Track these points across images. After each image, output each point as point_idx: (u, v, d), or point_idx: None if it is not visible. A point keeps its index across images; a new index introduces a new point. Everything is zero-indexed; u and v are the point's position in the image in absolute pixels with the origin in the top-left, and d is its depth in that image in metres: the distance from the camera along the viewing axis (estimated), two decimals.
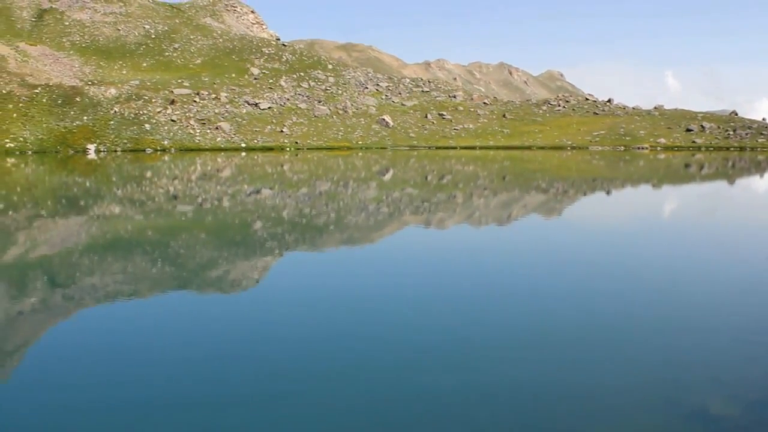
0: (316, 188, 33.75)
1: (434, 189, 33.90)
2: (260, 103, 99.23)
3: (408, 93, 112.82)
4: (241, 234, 19.87)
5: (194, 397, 7.34)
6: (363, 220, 22.45)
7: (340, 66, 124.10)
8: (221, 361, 8.52)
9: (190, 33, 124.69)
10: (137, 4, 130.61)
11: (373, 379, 7.86)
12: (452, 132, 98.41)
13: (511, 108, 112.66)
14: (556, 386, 7.62)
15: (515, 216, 24.01)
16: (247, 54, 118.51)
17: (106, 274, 14.01)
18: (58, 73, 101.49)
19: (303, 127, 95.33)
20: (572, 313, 10.61)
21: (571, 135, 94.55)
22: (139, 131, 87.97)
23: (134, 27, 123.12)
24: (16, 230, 20.59)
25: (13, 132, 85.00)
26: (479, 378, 7.87)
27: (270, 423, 6.81)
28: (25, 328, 10.47)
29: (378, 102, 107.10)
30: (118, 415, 6.91)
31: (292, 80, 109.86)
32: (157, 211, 25.32)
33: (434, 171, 48.21)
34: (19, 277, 13.99)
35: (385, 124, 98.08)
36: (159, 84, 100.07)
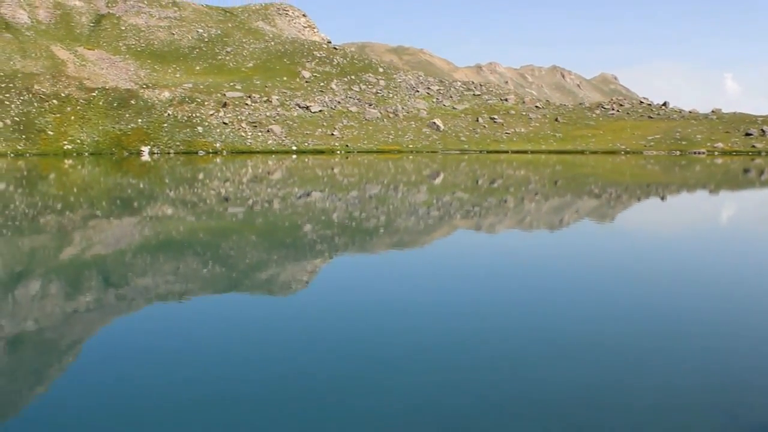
0: (366, 191, 33.52)
1: (485, 193, 33.42)
2: (311, 106, 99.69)
3: (459, 96, 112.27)
4: (290, 236, 19.70)
5: (241, 397, 7.13)
6: (413, 224, 22.11)
7: (391, 69, 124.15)
8: (271, 362, 8.31)
9: (242, 37, 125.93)
10: (191, 9, 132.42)
11: (424, 385, 7.52)
12: (503, 136, 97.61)
13: (563, 112, 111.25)
14: (606, 397, 7.19)
15: (567, 221, 23.43)
16: (299, 57, 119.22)
17: (158, 274, 13.93)
18: (114, 76, 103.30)
19: (353, 131, 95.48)
20: (622, 324, 10.12)
21: (625, 139, 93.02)
22: (191, 134, 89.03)
23: (188, 31, 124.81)
24: (72, 230, 20.73)
25: (71, 134, 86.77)
26: (529, 386, 7.48)
27: (315, 425, 6.54)
28: (79, 326, 10.40)
29: (429, 105, 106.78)
30: (167, 414, 6.74)
31: (343, 83, 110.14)
32: (208, 213, 25.32)
33: (485, 175, 47.69)
34: (74, 276, 13.98)
35: (436, 127, 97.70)
36: (211, 87, 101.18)
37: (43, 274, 14.19)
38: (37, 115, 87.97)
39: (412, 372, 8.10)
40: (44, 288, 12.77)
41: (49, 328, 10.28)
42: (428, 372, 8.09)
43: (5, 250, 17.40)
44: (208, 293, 12.45)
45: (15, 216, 24.35)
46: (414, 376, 7.94)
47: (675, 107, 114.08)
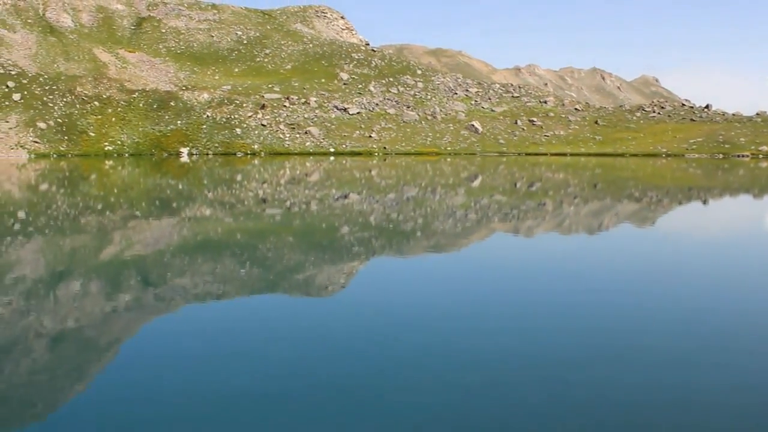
0: (403, 194, 33.37)
1: (523, 196, 33.05)
2: (349, 108, 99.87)
3: (498, 99, 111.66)
4: (327, 238, 19.62)
5: (278, 398, 7.05)
6: (450, 227, 21.91)
7: (429, 71, 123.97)
8: (308, 363, 8.21)
9: (280, 39, 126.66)
10: (230, 11, 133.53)
11: (460, 388, 7.35)
12: (542, 138, 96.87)
13: (603, 114, 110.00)
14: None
15: (606, 225, 23.06)
16: (337, 59, 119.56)
17: (196, 275, 13.91)
18: (154, 78, 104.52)
19: (391, 133, 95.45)
20: (666, 334, 9.83)
21: (666, 142, 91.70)
22: (230, 135, 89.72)
23: (227, 33, 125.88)
24: (112, 230, 20.86)
25: (112, 135, 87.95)
26: (570, 390, 7.26)
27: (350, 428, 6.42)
28: (118, 325, 10.42)
29: (467, 108, 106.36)
30: (204, 413, 6.67)
31: (381, 85, 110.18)
32: (245, 214, 25.36)
33: (523, 178, 47.27)
34: (114, 276, 14.03)
35: (474, 129, 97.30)
36: (250, 89, 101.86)
37: (83, 273, 14.26)
38: (79, 116, 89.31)
39: (446, 375, 7.95)
40: (84, 287, 12.82)
41: (88, 327, 10.29)
42: (463, 376, 7.93)
43: (48, 249, 17.56)
44: (245, 294, 12.40)
45: (57, 216, 24.63)
46: (450, 379, 7.79)
47: (718, 110, 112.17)
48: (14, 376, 8.18)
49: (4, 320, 10.35)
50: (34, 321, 10.34)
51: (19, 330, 9.90)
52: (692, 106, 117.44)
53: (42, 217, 24.37)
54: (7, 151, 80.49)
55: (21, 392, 7.77)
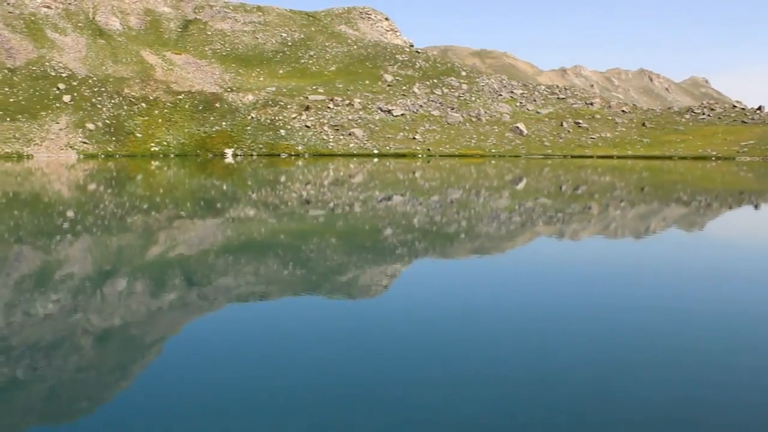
0: (447, 196, 33.15)
1: (568, 199, 32.61)
2: (393, 110, 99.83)
3: (543, 100, 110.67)
4: (370, 240, 19.52)
5: (318, 399, 7.04)
6: (494, 230, 21.67)
7: (474, 73, 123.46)
8: (349, 364, 8.21)
9: (325, 40, 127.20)
10: (275, 13, 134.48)
11: (499, 393, 7.18)
12: (588, 141, 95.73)
13: (651, 116, 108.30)
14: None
15: (654, 229, 22.60)
16: (381, 61, 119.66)
17: (239, 275, 13.94)
18: (200, 80, 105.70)
19: (435, 134, 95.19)
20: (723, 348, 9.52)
21: (717, 145, 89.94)
22: (274, 136, 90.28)
23: (272, 35, 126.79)
24: (157, 230, 21.05)
25: (158, 136, 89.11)
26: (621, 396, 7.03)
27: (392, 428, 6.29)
28: (162, 324, 10.52)
29: (512, 109, 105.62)
30: (245, 412, 6.68)
31: (426, 87, 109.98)
32: (289, 215, 25.40)
33: (569, 181, 46.70)
34: (158, 275, 14.13)
35: (519, 132, 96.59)
36: (294, 90, 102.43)
37: (129, 272, 14.38)
38: (127, 117, 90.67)
39: (488, 379, 7.84)
40: (130, 286, 12.92)
41: (133, 325, 10.38)
42: (507, 380, 7.80)
43: (95, 248, 17.76)
44: (288, 295, 12.37)
45: (104, 215, 24.92)
46: (491, 383, 7.67)
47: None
48: (62, 372, 8.30)
49: (52, 317, 10.50)
50: (81, 318, 10.45)
51: (67, 327, 10.03)
52: (744, 108, 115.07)
53: (90, 216, 24.68)
54: (57, 152, 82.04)
55: (68, 388, 7.90)
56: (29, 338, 9.49)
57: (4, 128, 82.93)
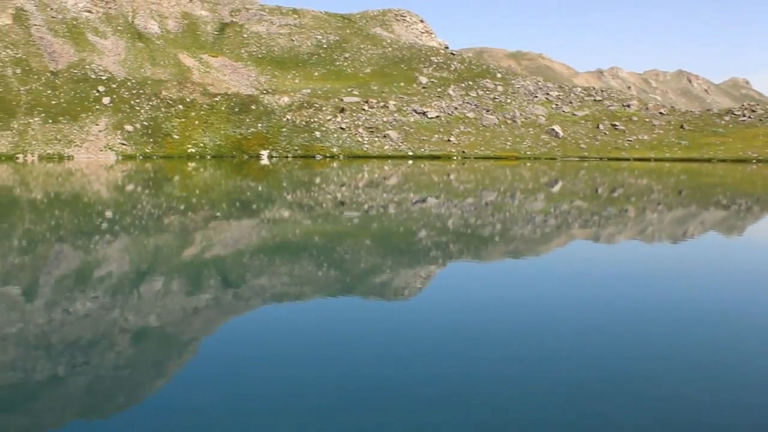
0: (482, 198, 33.07)
1: (604, 202, 32.33)
2: (428, 112, 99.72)
3: (579, 102, 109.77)
4: (405, 242, 19.55)
5: (351, 400, 7.07)
6: (529, 232, 21.57)
7: (509, 75, 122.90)
8: (383, 366, 8.21)
9: (360, 43, 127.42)
10: (310, 16, 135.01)
11: (528, 403, 7.17)
12: (625, 143, 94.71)
13: (689, 118, 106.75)
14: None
15: (691, 233, 22.32)
16: (416, 63, 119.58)
17: (274, 276, 14.05)
18: (236, 82, 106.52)
19: (470, 137, 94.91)
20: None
21: (758, 147, 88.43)
22: (309, 138, 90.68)
23: (307, 38, 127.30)
24: (193, 230, 21.28)
25: (195, 138, 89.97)
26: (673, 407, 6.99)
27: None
28: (197, 323, 10.64)
29: (548, 111, 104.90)
30: (277, 412, 6.73)
31: (461, 89, 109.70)
32: (324, 217, 25.52)
33: (605, 183, 46.29)
34: (194, 275, 14.29)
35: (555, 134, 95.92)
36: (329, 93, 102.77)
37: (165, 272, 14.58)
38: (164, 119, 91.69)
39: (521, 382, 7.83)
40: (166, 285, 13.09)
41: (170, 324, 10.52)
42: (539, 384, 7.77)
43: (132, 248, 18.01)
44: (322, 296, 12.45)
45: (142, 216, 25.25)
46: (524, 387, 7.66)
47: None
48: (100, 369, 8.43)
49: (91, 315, 10.67)
50: (118, 317, 10.60)
51: (105, 325, 10.18)
52: None
53: (127, 217, 25.03)
54: (96, 153, 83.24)
55: (105, 385, 8.02)
56: (69, 335, 9.68)
57: (47, 130, 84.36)
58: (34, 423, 7.04)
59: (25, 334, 9.68)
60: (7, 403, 7.44)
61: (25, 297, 11.93)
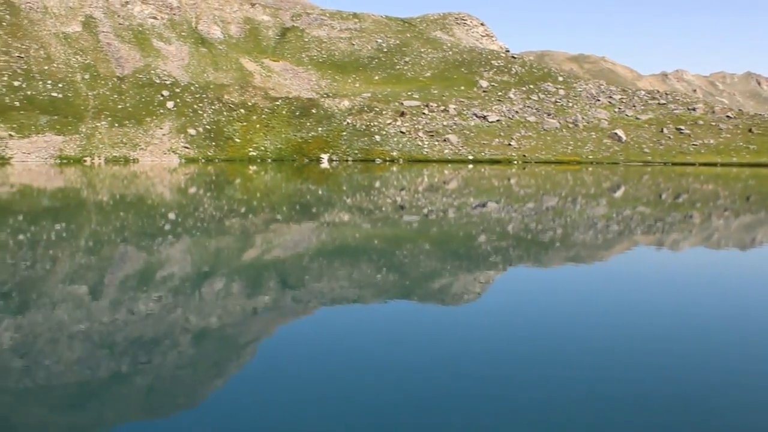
0: (542, 203, 32.68)
1: (669, 208, 31.64)
2: (488, 116, 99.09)
3: (643, 106, 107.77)
4: (464, 246, 19.42)
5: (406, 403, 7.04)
6: (591, 238, 21.22)
7: (571, 78, 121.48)
8: (440, 370, 8.22)
9: (420, 46, 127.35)
10: (371, 20, 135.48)
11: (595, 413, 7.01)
12: (690, 147, 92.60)
13: (758, 122, 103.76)
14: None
15: (760, 241, 21.68)
16: (476, 66, 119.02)
17: (333, 279, 14.08)
18: (297, 86, 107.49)
19: (531, 141, 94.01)
20: None
21: None
22: (369, 142, 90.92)
23: (367, 41, 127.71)
24: (254, 233, 21.50)
25: (256, 141, 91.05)
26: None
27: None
28: (257, 325, 10.76)
29: (610, 115, 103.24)
30: (333, 415, 6.75)
31: (522, 93, 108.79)
32: (383, 221, 25.52)
33: (669, 189, 45.33)
34: (254, 277, 14.44)
35: (618, 138, 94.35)
36: (389, 96, 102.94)
37: (226, 273, 14.74)
38: (226, 123, 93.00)
39: (581, 391, 7.68)
40: (227, 287, 13.23)
41: (229, 325, 10.63)
42: (599, 396, 7.62)
43: (194, 249, 18.26)
44: (380, 300, 12.44)
45: (204, 218, 25.60)
46: (584, 396, 7.52)
47: None
48: (161, 368, 8.58)
49: (153, 315, 10.84)
50: (180, 317, 10.74)
51: (167, 325, 10.35)
52: None
53: (190, 219, 25.40)
54: (160, 156, 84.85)
55: (166, 384, 8.18)
56: (132, 335, 9.85)
57: (113, 133, 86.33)
58: (97, 419, 7.22)
59: (91, 333, 9.89)
60: (72, 399, 7.61)
61: (91, 296, 12.18)
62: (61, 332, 9.91)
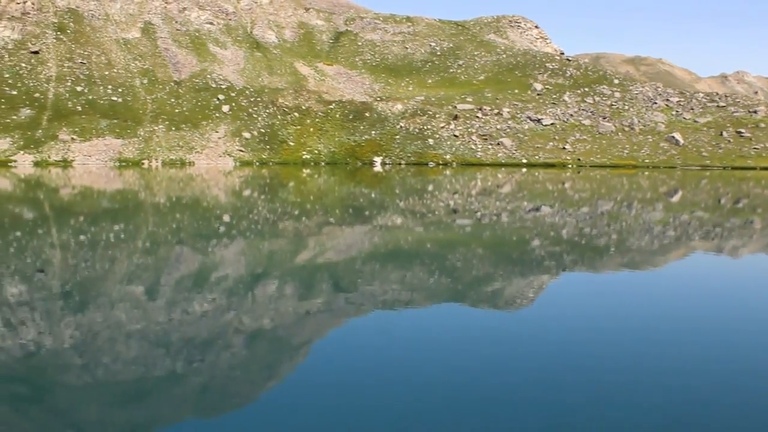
0: (597, 208, 32.25)
1: (728, 213, 30.96)
2: (542, 119, 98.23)
3: (701, 108, 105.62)
4: (517, 251, 19.28)
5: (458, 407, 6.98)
6: (646, 244, 20.86)
7: (627, 80, 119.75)
8: (493, 373, 8.18)
9: (474, 49, 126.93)
10: (424, 23, 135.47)
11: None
12: (751, 151, 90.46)
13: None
14: None
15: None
16: (530, 69, 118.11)
17: (385, 282, 14.11)
18: (350, 90, 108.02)
19: (586, 144, 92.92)
20: None
21: None
22: (422, 145, 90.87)
23: (421, 45, 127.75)
24: (307, 236, 21.65)
25: (310, 145, 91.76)
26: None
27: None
28: (309, 327, 10.83)
29: (667, 118, 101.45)
30: (383, 417, 6.76)
31: (576, 96, 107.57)
32: (436, 224, 25.47)
33: (728, 193, 44.37)
34: (307, 279, 14.53)
35: (675, 141, 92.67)
36: (443, 100, 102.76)
37: (279, 275, 14.88)
38: (281, 126, 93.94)
39: (635, 401, 7.54)
40: (280, 288, 13.35)
41: (282, 327, 10.72)
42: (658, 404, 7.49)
43: (248, 251, 18.47)
44: (432, 303, 12.42)
45: (258, 220, 25.87)
46: (639, 406, 7.39)
47: None
48: (215, 368, 8.69)
49: (208, 315, 10.99)
50: (234, 318, 10.87)
51: (221, 326, 10.48)
52: None
53: (244, 221, 25.69)
54: (215, 159, 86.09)
55: (220, 383, 8.27)
56: (186, 334, 10.00)
57: (170, 137, 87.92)
58: (152, 416, 7.36)
59: (147, 332, 10.07)
60: (128, 396, 7.76)
61: (147, 296, 12.41)
62: (119, 331, 10.12)
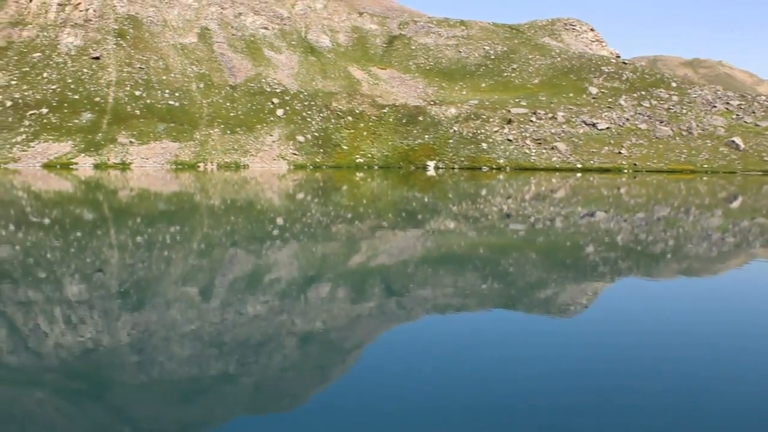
0: (654, 213, 31.75)
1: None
2: (598, 123, 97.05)
3: (763, 112, 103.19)
4: (571, 257, 19.09)
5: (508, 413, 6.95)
6: (704, 251, 20.47)
7: (685, 84, 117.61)
8: (542, 381, 8.12)
9: (528, 53, 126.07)
10: (478, 27, 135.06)
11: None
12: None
13: None
14: None
15: None
16: (585, 73, 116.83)
17: (437, 286, 14.11)
18: (403, 94, 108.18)
19: (642, 149, 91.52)
20: None
21: None
22: (475, 150, 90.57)
23: (474, 49, 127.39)
24: (360, 239, 21.75)
25: (363, 149, 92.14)
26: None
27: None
28: (361, 330, 10.89)
29: (727, 122, 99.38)
30: (433, 423, 6.69)
31: (632, 99, 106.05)
32: (489, 229, 25.37)
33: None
34: (359, 283, 14.61)
35: (735, 146, 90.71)
36: (497, 104, 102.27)
37: (332, 278, 14.98)
38: (334, 130, 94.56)
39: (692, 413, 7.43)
40: (332, 292, 13.45)
41: (334, 330, 10.81)
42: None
43: (301, 254, 18.63)
44: (485, 308, 12.40)
45: (311, 223, 26.07)
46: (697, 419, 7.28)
47: None
48: (267, 369, 8.82)
49: (260, 317, 11.15)
50: (286, 320, 11.00)
51: (273, 327, 10.62)
52: None
53: (297, 224, 25.92)
54: (270, 162, 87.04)
55: (271, 385, 8.39)
56: (239, 335, 10.15)
57: (225, 140, 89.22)
58: (205, 415, 7.50)
59: (201, 332, 10.25)
60: (181, 395, 7.91)
61: (201, 297, 12.62)
62: (173, 330, 10.33)
